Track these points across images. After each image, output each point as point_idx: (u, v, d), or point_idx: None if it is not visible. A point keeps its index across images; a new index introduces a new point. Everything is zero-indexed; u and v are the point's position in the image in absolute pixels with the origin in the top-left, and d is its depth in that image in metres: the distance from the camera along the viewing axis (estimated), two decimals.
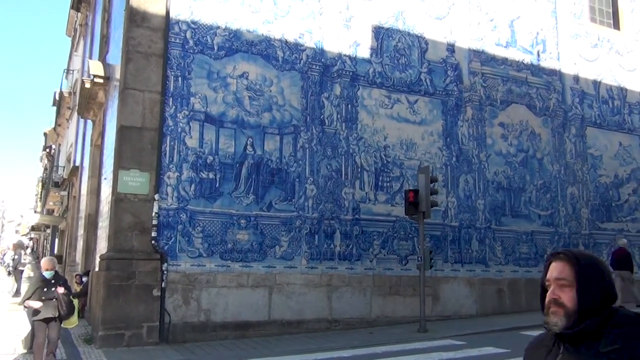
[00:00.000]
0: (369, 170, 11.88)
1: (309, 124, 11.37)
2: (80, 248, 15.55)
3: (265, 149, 10.90)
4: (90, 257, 13.42)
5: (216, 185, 10.40)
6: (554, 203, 14.24)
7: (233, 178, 10.55)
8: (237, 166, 10.61)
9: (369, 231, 11.65)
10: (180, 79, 10.38)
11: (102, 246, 11.09)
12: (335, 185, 11.45)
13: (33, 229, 44.78)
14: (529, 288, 13.25)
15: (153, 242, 9.73)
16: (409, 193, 10.91)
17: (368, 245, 11.59)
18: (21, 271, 19.51)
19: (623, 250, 13.49)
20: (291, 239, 10.87)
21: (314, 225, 11.10)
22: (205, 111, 10.49)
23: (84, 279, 13.06)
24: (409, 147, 12.40)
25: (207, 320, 9.95)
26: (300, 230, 10.97)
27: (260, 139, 10.88)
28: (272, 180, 10.88)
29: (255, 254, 10.52)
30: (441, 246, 12.40)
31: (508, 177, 13.65)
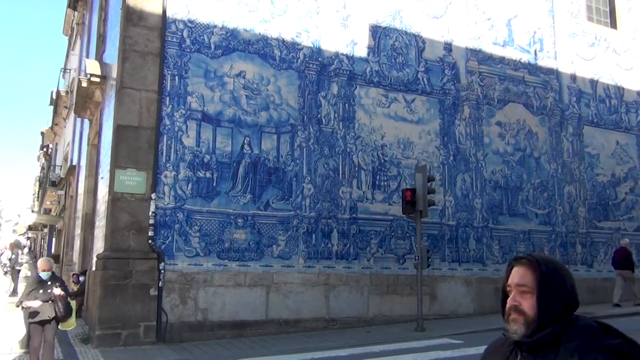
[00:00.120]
0: (366, 169, 11.88)
1: (306, 123, 11.36)
2: (77, 247, 15.53)
3: (263, 148, 10.89)
4: (87, 257, 13.40)
5: (213, 185, 10.39)
6: (551, 202, 14.26)
7: (230, 177, 10.53)
8: (234, 165, 10.60)
9: (367, 230, 11.66)
10: (177, 78, 10.37)
11: (99, 245, 11.07)
12: (333, 185, 11.44)
13: (30, 228, 44.74)
14: None
15: (150, 242, 9.72)
16: (406, 192, 10.91)
17: (365, 244, 11.59)
18: (18, 271, 19.48)
19: (625, 250, 13.59)
20: (288, 238, 10.86)
21: (311, 224, 11.10)
22: (202, 110, 10.48)
23: (81, 279, 13.06)
24: (406, 146, 12.40)
25: (205, 319, 9.94)
26: (298, 230, 10.97)
27: (257, 138, 10.87)
28: (270, 179, 10.87)
29: (252, 253, 10.51)
30: (438, 245, 12.41)
31: (505, 176, 13.67)
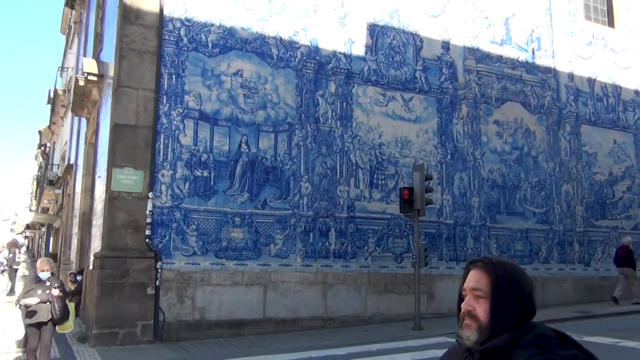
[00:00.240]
0: (363, 168, 11.87)
1: (304, 121, 11.35)
2: (74, 246, 15.50)
3: (260, 146, 10.87)
4: (84, 256, 13.37)
5: (210, 184, 10.38)
6: (548, 201, 14.27)
7: (227, 176, 10.52)
8: (232, 164, 10.59)
9: (364, 229, 11.65)
10: (174, 76, 10.34)
11: (96, 244, 11.05)
12: (330, 183, 11.43)
13: (28, 227, 44.63)
14: None
15: (147, 241, 9.70)
16: (403, 191, 10.91)
17: (363, 243, 11.58)
18: (15, 270, 19.44)
19: (626, 248, 13.67)
20: (286, 237, 10.85)
21: (308, 223, 11.09)
22: (200, 109, 10.46)
23: (79, 278, 13.04)
24: (403, 145, 12.40)
25: (202, 318, 9.93)
26: (295, 228, 10.96)
27: (254, 136, 10.86)
28: (267, 178, 10.86)
29: (250, 252, 10.50)
30: (436, 244, 12.41)
31: (503, 175, 13.67)
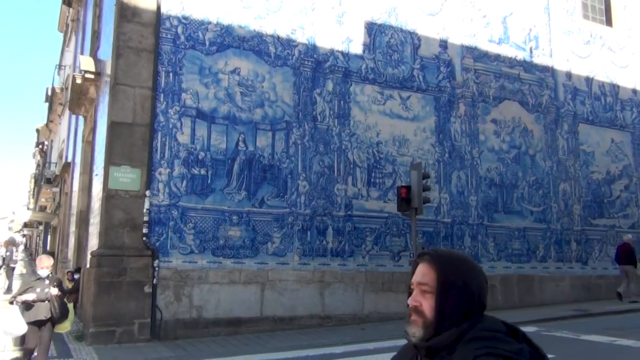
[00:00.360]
0: (361, 167, 11.87)
1: (301, 120, 11.34)
2: (72, 245, 15.47)
3: (257, 145, 10.86)
4: (81, 254, 13.35)
5: (208, 182, 10.36)
6: (546, 199, 14.28)
7: (225, 174, 10.51)
8: (229, 162, 10.57)
9: (362, 227, 11.65)
10: (171, 74, 10.32)
11: (94, 243, 11.02)
12: (328, 182, 11.43)
13: (26, 225, 44.61)
14: (521, 284, 13.34)
15: (144, 239, 9.69)
16: (401, 189, 10.91)
17: (360, 242, 11.58)
18: (13, 268, 19.40)
19: (628, 246, 13.75)
20: (283, 235, 10.85)
21: (306, 221, 11.08)
22: (197, 107, 10.44)
23: (76, 276, 13.01)
24: (401, 144, 12.39)
25: (199, 316, 9.92)
26: (293, 227, 10.95)
27: (252, 135, 10.84)
28: (264, 176, 10.85)
29: (247, 250, 10.50)
30: (434, 242, 12.40)
31: (500, 174, 13.68)
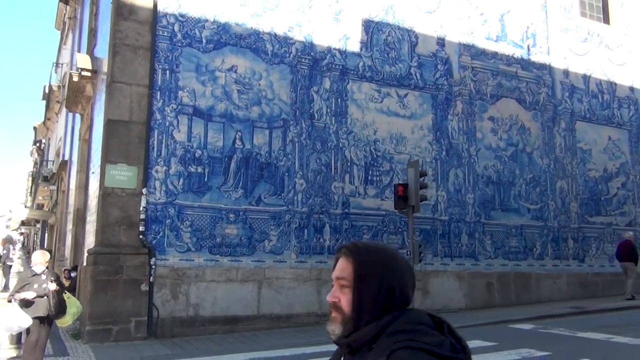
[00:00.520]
0: (358, 165, 11.86)
1: (299, 117, 11.32)
2: (69, 243, 15.46)
3: (255, 143, 10.85)
4: (78, 252, 13.34)
5: (205, 180, 10.35)
6: (543, 197, 14.29)
7: (222, 172, 10.49)
8: (226, 160, 10.56)
9: (359, 225, 11.65)
10: (168, 72, 10.30)
11: (90, 241, 11.01)
12: (325, 180, 11.42)
13: (23, 223, 44.48)
14: (518, 281, 13.36)
15: (141, 237, 9.68)
16: (398, 187, 10.90)
17: (358, 240, 11.56)
18: (9, 266, 19.38)
19: (629, 243, 13.81)
20: (280, 233, 10.84)
21: (303, 219, 11.08)
22: (194, 105, 10.42)
23: (73, 274, 12.99)
24: (398, 141, 12.39)
25: (196, 314, 9.92)
26: (290, 225, 10.95)
27: (249, 133, 10.83)
28: (261, 174, 10.84)
29: (244, 248, 10.49)
30: (431, 240, 12.42)
31: (498, 171, 13.69)
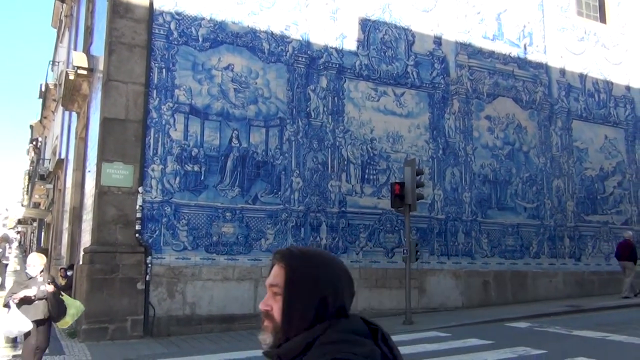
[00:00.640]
0: (355, 163, 11.86)
1: (295, 116, 11.31)
2: (65, 241, 15.42)
3: (251, 141, 10.84)
4: (75, 251, 13.29)
5: (201, 178, 10.33)
6: (539, 196, 14.32)
7: (218, 171, 10.48)
8: (223, 159, 10.55)
9: (355, 224, 11.65)
10: (164, 70, 10.28)
11: (87, 239, 10.98)
12: (322, 178, 11.42)
13: (20, 222, 44.40)
14: (515, 280, 13.38)
15: (137, 235, 9.66)
16: (395, 186, 10.90)
17: (354, 238, 11.59)
18: (5, 265, 19.33)
19: (628, 242, 13.86)
20: (277, 231, 10.84)
21: (300, 218, 11.08)
22: (190, 103, 10.40)
23: (69, 273, 12.95)
24: (395, 140, 12.39)
25: (192, 313, 9.91)
26: (286, 223, 10.94)
27: (245, 131, 10.81)
28: (258, 173, 10.83)
29: (240, 247, 10.48)
30: (427, 239, 12.43)
31: (494, 170, 13.70)
